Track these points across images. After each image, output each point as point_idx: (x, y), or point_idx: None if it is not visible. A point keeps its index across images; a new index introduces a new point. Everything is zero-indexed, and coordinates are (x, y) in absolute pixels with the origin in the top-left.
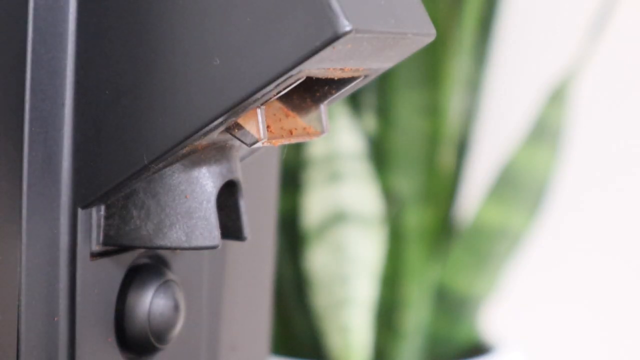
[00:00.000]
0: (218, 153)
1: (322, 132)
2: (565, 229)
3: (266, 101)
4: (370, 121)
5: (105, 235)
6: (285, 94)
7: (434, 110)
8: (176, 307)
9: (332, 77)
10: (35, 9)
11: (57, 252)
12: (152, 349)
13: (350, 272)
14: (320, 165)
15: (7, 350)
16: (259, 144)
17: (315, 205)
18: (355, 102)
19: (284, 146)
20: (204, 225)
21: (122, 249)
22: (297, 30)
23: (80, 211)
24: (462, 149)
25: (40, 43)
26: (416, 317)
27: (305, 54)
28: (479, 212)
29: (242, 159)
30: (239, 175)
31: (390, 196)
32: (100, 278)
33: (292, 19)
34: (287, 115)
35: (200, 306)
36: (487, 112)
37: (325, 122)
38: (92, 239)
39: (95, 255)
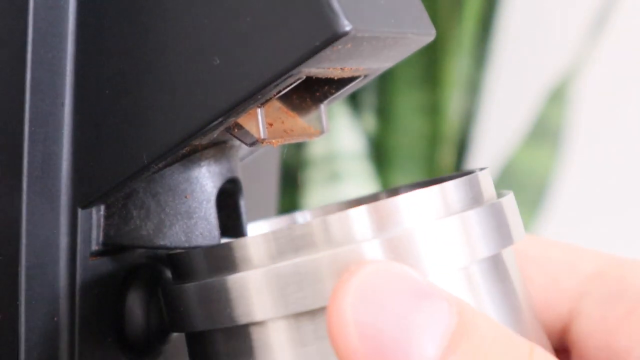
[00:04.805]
0: (218, 153)
1: (322, 132)
2: (565, 228)
3: (266, 101)
4: (370, 121)
5: (105, 235)
6: (285, 94)
7: (434, 110)
8: None
9: (332, 76)
10: (35, 9)
11: (57, 251)
12: (152, 349)
13: None
14: (320, 165)
15: (7, 350)
16: (258, 144)
17: (315, 205)
18: (355, 102)
19: (284, 146)
20: (204, 225)
21: (122, 248)
22: (297, 30)
23: (80, 211)
24: (462, 148)
25: (40, 43)
26: None
27: (305, 54)
28: None
29: (242, 159)
30: (239, 175)
31: None
32: (100, 278)
33: (292, 18)
34: (287, 115)
35: None
36: (487, 112)
37: (325, 122)
38: (92, 239)
39: (95, 255)
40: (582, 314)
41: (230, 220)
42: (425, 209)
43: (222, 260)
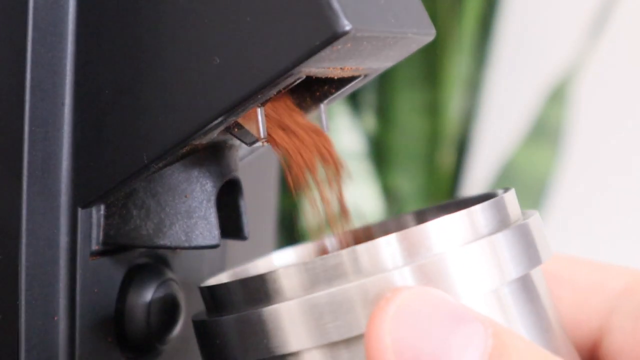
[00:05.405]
0: (218, 153)
1: None
2: (565, 227)
3: (266, 101)
4: (370, 121)
5: (105, 235)
6: (285, 93)
7: (434, 110)
8: (176, 307)
9: (332, 76)
10: (35, 9)
11: (57, 251)
12: (152, 349)
13: None
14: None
15: (7, 350)
16: (258, 144)
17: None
18: (355, 101)
19: None
20: (204, 224)
21: (122, 248)
22: (297, 30)
23: (80, 211)
24: (462, 148)
25: (40, 42)
26: None
27: (305, 54)
28: None
29: (242, 159)
30: (239, 175)
31: (390, 195)
32: (100, 277)
33: (292, 18)
34: None
35: (201, 306)
36: (487, 111)
37: (325, 121)
38: (92, 239)
39: (95, 255)
40: (612, 330)
41: (230, 220)
42: (454, 234)
43: (257, 292)
